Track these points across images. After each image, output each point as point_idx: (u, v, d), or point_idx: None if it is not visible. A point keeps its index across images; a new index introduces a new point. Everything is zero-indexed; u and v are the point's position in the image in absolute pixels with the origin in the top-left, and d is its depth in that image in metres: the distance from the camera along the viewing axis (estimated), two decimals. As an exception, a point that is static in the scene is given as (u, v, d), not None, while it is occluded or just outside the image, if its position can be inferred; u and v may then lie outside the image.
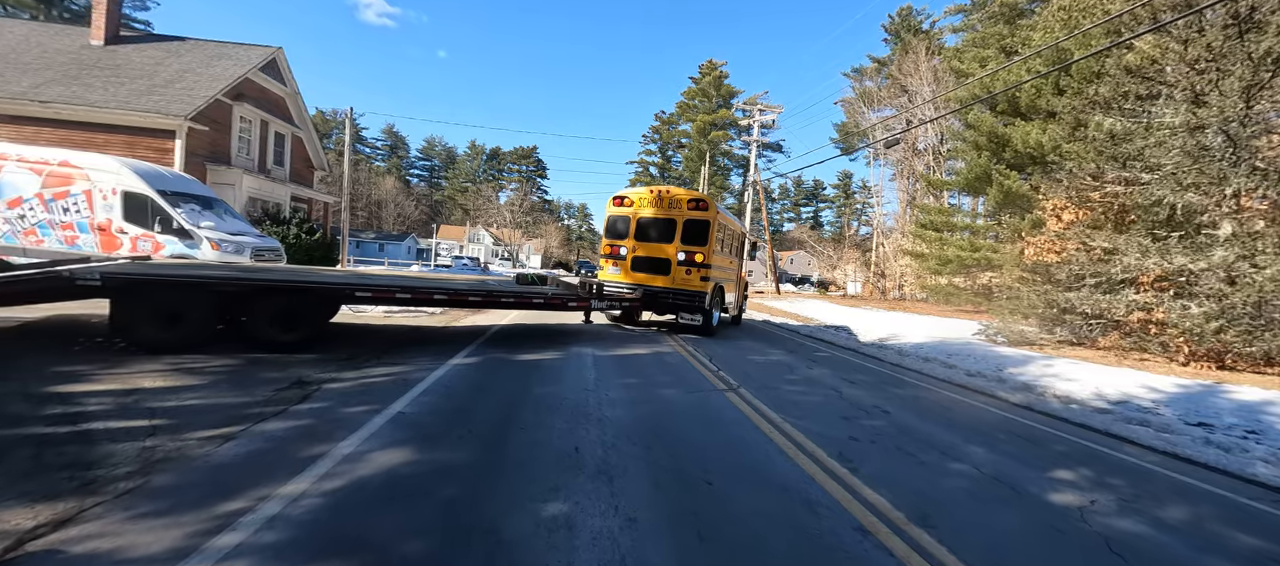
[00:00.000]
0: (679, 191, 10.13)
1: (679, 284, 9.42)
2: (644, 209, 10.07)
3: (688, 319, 9.65)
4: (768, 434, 4.14)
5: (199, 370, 4.86)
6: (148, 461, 2.98)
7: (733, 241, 11.29)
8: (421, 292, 6.81)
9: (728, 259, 10.82)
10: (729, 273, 10.96)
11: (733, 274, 11.35)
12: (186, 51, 16.80)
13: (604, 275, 10.16)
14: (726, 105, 57.97)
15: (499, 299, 7.45)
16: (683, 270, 9.43)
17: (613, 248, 10.22)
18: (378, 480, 2.86)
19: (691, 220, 9.65)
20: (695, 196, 9.91)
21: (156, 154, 13.32)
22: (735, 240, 11.56)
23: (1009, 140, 21.81)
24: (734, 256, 11.51)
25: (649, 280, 9.67)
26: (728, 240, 10.76)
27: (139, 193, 9.07)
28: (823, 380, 6.62)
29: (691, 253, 9.42)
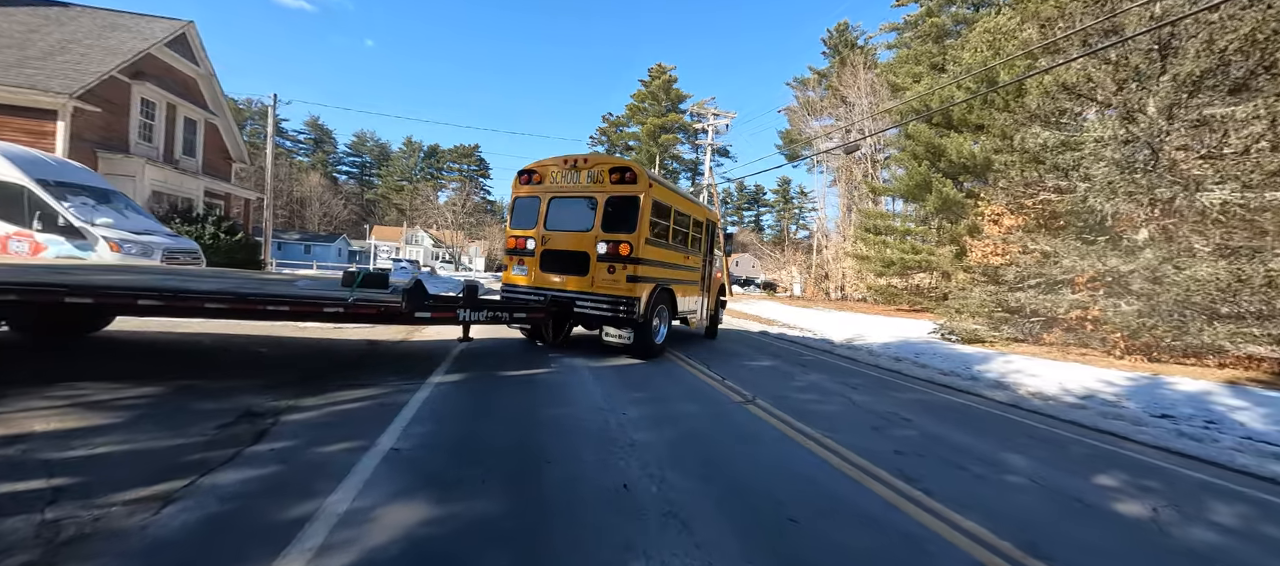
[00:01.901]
0: (600, 159, 7.22)
1: (599, 287, 6.65)
2: (556, 186, 7.33)
3: (614, 335, 6.70)
4: (816, 452, 3.81)
5: (108, 404, 3.83)
6: (52, 543, 2.14)
7: (690, 228, 8.36)
8: (185, 300, 4.47)
9: (678, 252, 7.91)
10: (683, 270, 8.15)
11: (692, 272, 8.56)
12: (70, 19, 14.31)
13: (508, 277, 7.58)
14: (676, 109, 58.58)
15: (320, 309, 4.87)
16: (604, 268, 6.63)
17: (518, 240, 7.51)
18: (398, 552, 2.21)
19: (616, 198, 6.79)
20: (619, 164, 6.92)
21: (32, 137, 11.13)
22: (693, 227, 8.48)
23: (944, 151, 23.37)
24: (692, 249, 8.51)
25: (562, 283, 6.99)
26: (679, 226, 7.92)
27: (12, 182, 7.39)
28: (826, 387, 6.46)
29: (615, 243, 6.60)
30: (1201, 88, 10.11)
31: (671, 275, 7.67)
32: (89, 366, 4.81)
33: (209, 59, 16.65)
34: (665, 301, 7.48)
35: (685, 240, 8.25)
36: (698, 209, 8.97)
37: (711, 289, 9.99)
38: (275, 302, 4.66)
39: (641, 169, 6.97)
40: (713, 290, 10.13)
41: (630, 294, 6.59)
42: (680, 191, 8.44)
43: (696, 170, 58.35)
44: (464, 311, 5.62)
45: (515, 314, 6.53)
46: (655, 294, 7.04)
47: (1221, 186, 9.60)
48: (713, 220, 9.91)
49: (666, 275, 7.49)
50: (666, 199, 7.49)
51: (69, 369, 4.66)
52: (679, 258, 8.00)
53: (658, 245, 7.21)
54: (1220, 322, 9.43)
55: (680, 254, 8.06)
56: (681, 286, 8.08)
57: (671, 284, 7.64)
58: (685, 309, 8.43)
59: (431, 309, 5.30)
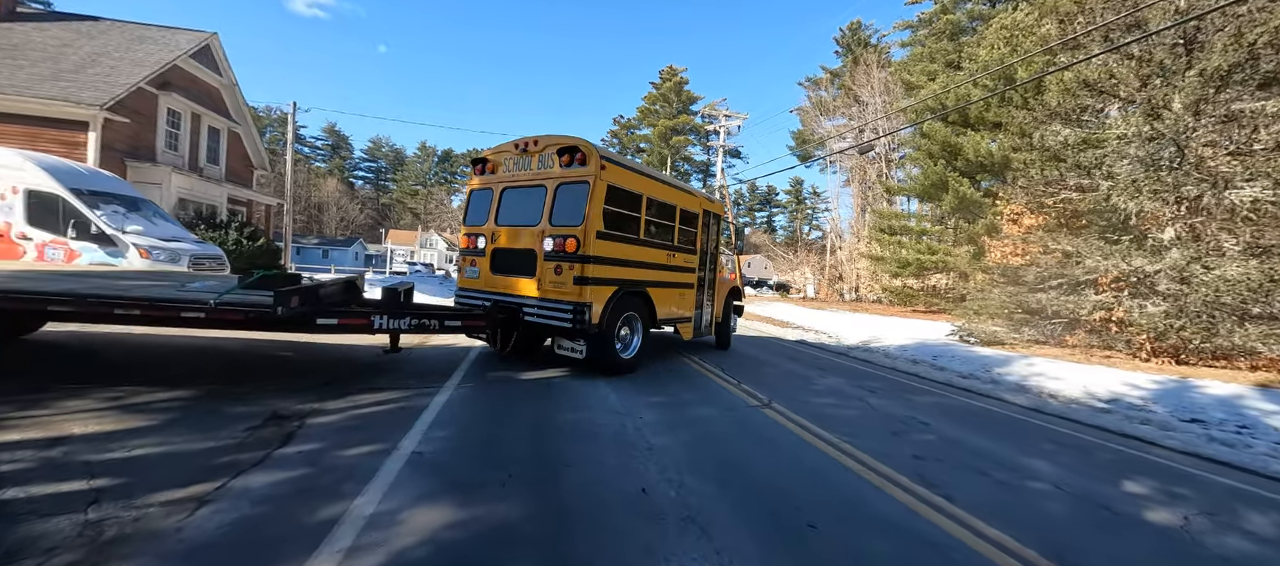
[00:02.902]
0: (551, 140, 6.08)
1: (547, 291, 5.71)
2: (508, 174, 6.45)
3: (566, 348, 5.85)
4: (835, 457, 3.80)
5: (143, 407, 3.96)
6: (95, 543, 2.23)
7: (675, 221, 7.08)
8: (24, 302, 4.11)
9: (655, 248, 6.64)
10: (666, 270, 6.86)
11: (681, 273, 7.22)
12: (101, 33, 14.80)
13: (461, 281, 6.80)
14: (686, 111, 58.54)
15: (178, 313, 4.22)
16: (551, 268, 5.66)
17: (470, 239, 6.65)
18: (425, 554, 2.26)
19: (565, 185, 5.80)
20: (566, 144, 5.87)
21: (65, 148, 11.53)
22: (682, 219, 7.23)
23: (961, 149, 23.02)
24: (682, 245, 7.24)
25: (511, 286, 6.11)
26: (658, 218, 6.73)
27: (48, 191, 7.67)
28: (843, 390, 6.41)
29: (562, 238, 5.61)
30: (1229, 82, 9.82)
31: (645, 276, 6.43)
32: (122, 370, 4.97)
33: (231, 69, 17.09)
34: (634, 307, 6.29)
35: (669, 234, 6.97)
36: (688, 197, 7.50)
37: (717, 292, 8.65)
38: (125, 305, 4.16)
39: (593, 147, 5.71)
40: (720, 293, 8.81)
41: (578, 299, 5.47)
42: (659, 176, 6.95)
43: (708, 172, 58.24)
44: (381, 319, 4.87)
45: (447, 321, 5.38)
46: (617, 298, 5.86)
47: (1252, 183, 9.32)
48: (715, 212, 8.39)
49: (637, 276, 6.28)
50: (633, 184, 6.19)
51: (103, 372, 4.82)
52: (657, 255, 6.71)
53: (619, 240, 5.98)
54: (1252, 323, 9.14)
55: (659, 251, 6.74)
56: (664, 289, 6.82)
57: (648, 286, 6.45)
58: (671, 315, 7.10)
59: (339, 315, 4.74)
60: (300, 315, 4.44)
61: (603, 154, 5.81)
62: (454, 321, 5.45)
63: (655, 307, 6.62)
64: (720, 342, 9.33)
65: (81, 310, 4.17)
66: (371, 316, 4.84)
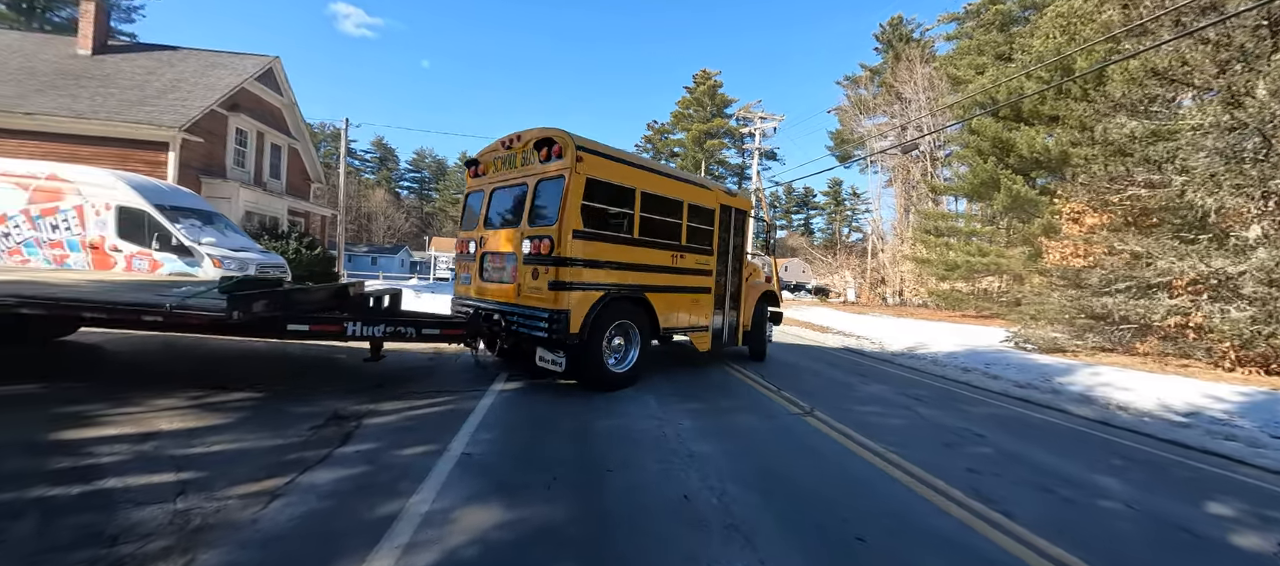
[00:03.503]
0: (533, 133, 5.63)
1: (525, 297, 5.29)
2: (497, 175, 6.12)
3: (546, 360, 5.27)
4: (882, 468, 3.69)
5: (219, 406, 4.29)
6: (184, 530, 2.44)
7: (683, 218, 6.35)
8: None
9: (657, 249, 6.01)
10: (672, 273, 6.19)
11: (693, 276, 6.50)
12: (179, 61, 16.15)
13: (457, 288, 6.61)
14: (721, 114, 58.17)
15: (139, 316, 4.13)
16: (529, 272, 5.25)
17: (462, 244, 6.45)
18: (476, 553, 2.35)
19: (544, 181, 5.37)
20: (543, 136, 5.42)
21: (149, 167, 12.63)
22: (692, 215, 6.48)
23: (1013, 145, 21.86)
24: (694, 244, 6.52)
25: (496, 293, 5.78)
26: (660, 214, 6.06)
27: (135, 208, 8.43)
28: (889, 399, 6.20)
29: (538, 240, 5.18)
30: (1325, 65, 8.93)
31: (643, 279, 5.80)
32: (198, 371, 5.39)
33: (291, 89, 18.28)
34: (629, 315, 5.65)
35: (675, 232, 6.25)
36: (701, 191, 6.68)
37: (745, 297, 7.69)
38: (92, 309, 4.19)
39: (569, 138, 5.18)
40: (749, 298, 7.84)
41: (553, 305, 4.98)
42: (658, 167, 6.32)
43: (743, 174, 57.60)
44: (354, 325, 4.74)
45: (424, 329, 5.13)
46: (603, 304, 5.29)
47: (1355, 175, 8.42)
48: (738, 208, 7.45)
49: (630, 279, 5.66)
50: (621, 176, 5.58)
51: (183, 374, 5.24)
52: (659, 256, 6.02)
53: (605, 240, 5.42)
54: (1358, 331, 8.24)
55: (661, 251, 6.05)
56: (669, 294, 6.11)
57: (646, 291, 5.81)
58: (680, 323, 6.34)
59: (310, 321, 4.66)
60: (264, 320, 4.39)
61: (580, 144, 5.19)
62: (432, 330, 5.21)
63: (658, 315, 5.93)
64: (754, 353, 8.37)
65: (53, 313, 4.21)
66: (345, 323, 4.74)
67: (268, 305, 4.46)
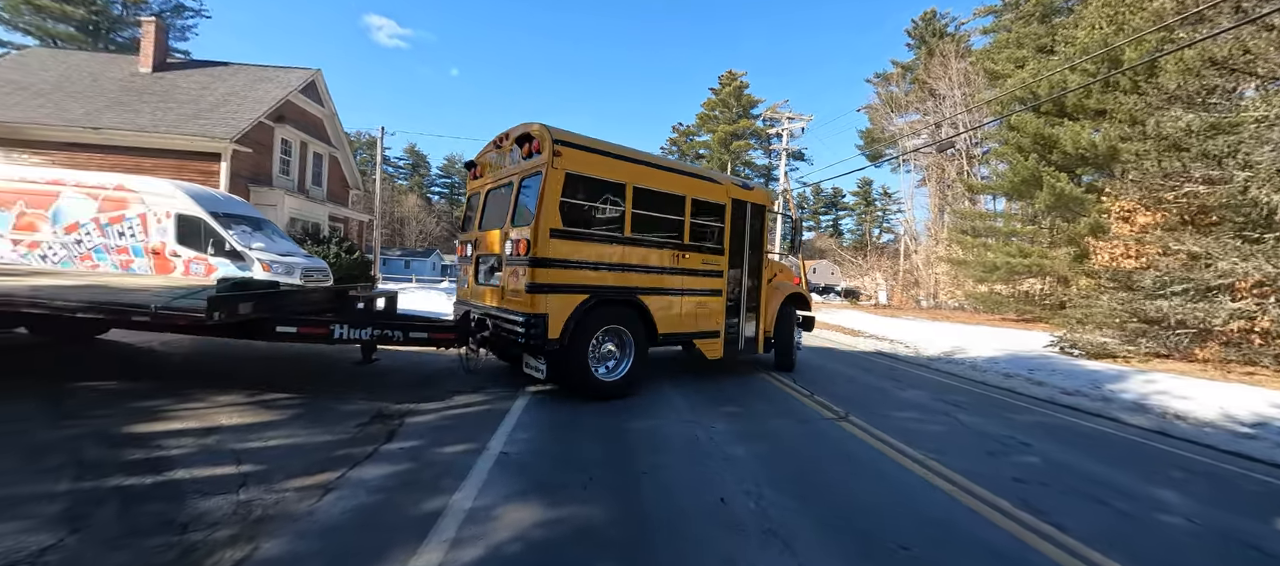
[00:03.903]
0: (517, 129, 5.40)
1: (508, 299, 5.08)
2: (492, 175, 6.00)
3: (530, 366, 5.14)
4: (922, 475, 3.60)
5: (273, 403, 4.52)
6: (247, 520, 2.59)
7: (685, 214, 5.88)
8: None
9: (659, 249, 5.64)
10: (671, 275, 5.74)
11: (698, 278, 6.01)
12: (230, 76, 17.06)
13: (459, 292, 6.53)
14: (747, 115, 57.67)
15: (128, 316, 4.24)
16: (511, 274, 5.05)
17: (461, 247, 6.44)
18: (518, 550, 2.41)
19: (527, 178, 5.15)
20: (522, 132, 5.23)
21: (203, 176, 13.38)
22: (696, 211, 5.98)
23: (1057, 141, 20.92)
24: (699, 242, 6.03)
25: (486, 296, 5.64)
26: (653, 210, 5.60)
27: (192, 215, 8.95)
28: (927, 404, 6.04)
29: (518, 240, 4.96)
30: None
31: (636, 281, 5.41)
32: (255, 371, 5.68)
33: (331, 100, 19.06)
34: (620, 319, 5.31)
35: (675, 230, 5.78)
36: (707, 185, 6.16)
37: (766, 300, 7.04)
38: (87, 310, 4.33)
39: (547, 131, 4.89)
40: (772, 301, 7.20)
41: (530, 309, 4.72)
42: (653, 159, 5.73)
43: (771, 175, 56.92)
44: (341, 328, 4.76)
45: (411, 333, 5.10)
46: (588, 308, 5.00)
47: None
48: (755, 203, 6.77)
49: (621, 281, 5.30)
50: (606, 170, 5.21)
51: (239, 373, 5.53)
52: (656, 256, 5.59)
53: (590, 239, 5.09)
54: None
55: (659, 250, 5.62)
56: (668, 297, 5.69)
57: (641, 294, 5.43)
58: (682, 329, 5.85)
59: (298, 324, 4.71)
60: (253, 322, 4.48)
61: (558, 137, 4.89)
62: (419, 332, 5.15)
63: (655, 320, 5.52)
64: (779, 362, 7.53)
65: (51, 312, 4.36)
66: (331, 326, 4.75)
67: (255, 308, 4.49)
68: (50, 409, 4.03)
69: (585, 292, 5.03)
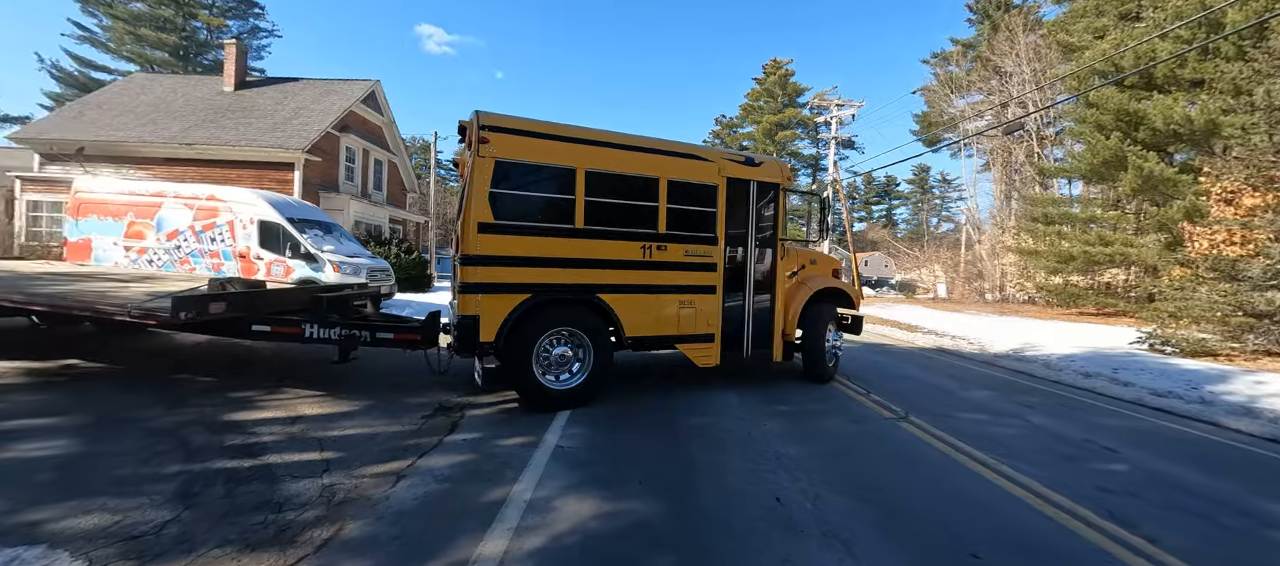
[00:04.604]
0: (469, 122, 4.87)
1: (459, 304, 4.67)
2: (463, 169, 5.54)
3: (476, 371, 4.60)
4: (992, 479, 3.41)
5: (347, 395, 4.87)
6: (331, 502, 2.81)
7: (670, 198, 5.14)
8: None
9: (623, 241, 4.96)
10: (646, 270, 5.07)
11: (682, 274, 5.24)
12: (300, 90, 18.36)
13: None
14: (793, 104, 55.95)
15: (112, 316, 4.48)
16: (462, 273, 4.57)
17: None
18: (577, 541, 2.49)
19: (475, 167, 4.52)
20: (464, 124, 5.13)
21: (279, 184, 14.51)
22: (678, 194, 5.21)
23: (1144, 117, 18.99)
24: (684, 234, 5.24)
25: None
26: (626, 198, 5.00)
27: (272, 221, 9.74)
28: (995, 405, 5.69)
29: (459, 237, 4.70)
30: None
31: (594, 278, 4.81)
32: (331, 366, 6.12)
33: (390, 108, 20.14)
34: (573, 321, 4.77)
35: (646, 218, 5.04)
36: (691, 164, 5.29)
37: (787, 298, 6.01)
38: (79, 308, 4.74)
39: (475, 118, 4.54)
40: (794, 297, 6.07)
41: (463, 310, 4.44)
42: (617, 139, 5.03)
43: (819, 165, 55.07)
44: (311, 328, 4.88)
45: (378, 333, 5.02)
46: (530, 309, 4.57)
47: None
48: (762, 181, 5.72)
49: (574, 278, 4.74)
50: (547, 154, 4.65)
51: (317, 368, 5.98)
52: (620, 249, 4.92)
53: (530, 233, 4.60)
54: None
55: (623, 242, 4.94)
56: (639, 296, 5.02)
57: (602, 292, 4.84)
58: (658, 332, 5.15)
59: (272, 323, 4.91)
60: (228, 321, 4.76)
61: (485, 123, 4.46)
62: (386, 333, 5.09)
63: (622, 322, 4.92)
64: (809, 371, 6.25)
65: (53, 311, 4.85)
66: (303, 326, 4.91)
67: (228, 307, 4.73)
68: (162, 398, 4.52)
69: (526, 292, 4.57)
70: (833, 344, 6.40)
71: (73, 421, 3.87)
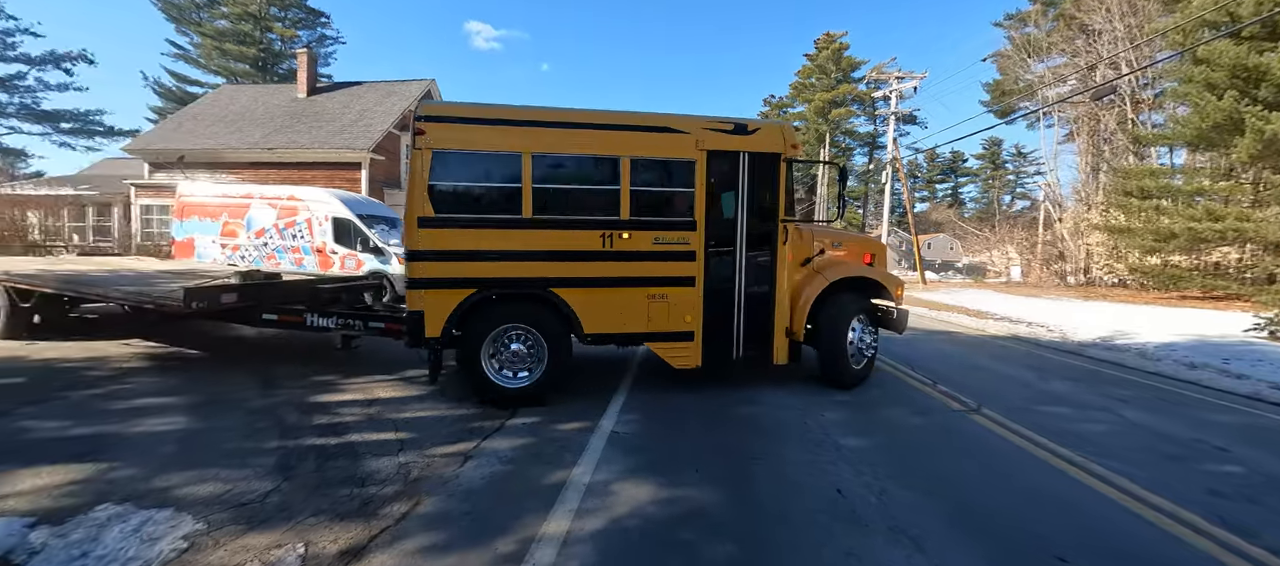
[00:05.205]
0: None
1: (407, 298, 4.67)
2: None
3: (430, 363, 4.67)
4: (1080, 478, 3.16)
5: (414, 380, 5.18)
6: (407, 479, 3.01)
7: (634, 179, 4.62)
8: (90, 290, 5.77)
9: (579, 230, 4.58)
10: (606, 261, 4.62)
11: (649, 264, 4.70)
12: (363, 93, 19.47)
13: None
14: (847, 80, 53.21)
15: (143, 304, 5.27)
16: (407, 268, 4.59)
17: None
18: (637, 526, 2.54)
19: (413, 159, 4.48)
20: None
21: (347, 183, 15.52)
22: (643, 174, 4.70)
23: (1266, 72, 16.58)
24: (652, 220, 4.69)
25: None
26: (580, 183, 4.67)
27: (344, 218, 10.45)
28: (1081, 398, 5.23)
29: None
30: None
31: (545, 271, 4.50)
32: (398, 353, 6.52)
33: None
34: (523, 317, 4.53)
35: (608, 204, 4.58)
36: (660, 138, 4.68)
37: (789, 289, 5.09)
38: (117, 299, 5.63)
39: (419, 109, 4.45)
40: (804, 291, 5.17)
41: (408, 305, 4.40)
42: (569, 117, 4.62)
43: (876, 143, 52.25)
44: (312, 317, 5.25)
45: (371, 323, 5.22)
46: (471, 305, 4.39)
47: None
48: (754, 152, 4.89)
49: (524, 271, 4.47)
50: (491, 141, 4.42)
51: (387, 356, 6.39)
52: (579, 239, 4.54)
53: (473, 225, 4.41)
54: None
55: (579, 232, 4.55)
56: (599, 291, 4.60)
57: (554, 286, 4.53)
58: (626, 329, 4.73)
59: (279, 313, 5.39)
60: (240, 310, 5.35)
61: (422, 113, 4.36)
62: (377, 322, 5.27)
63: (579, 317, 4.57)
64: (827, 374, 5.33)
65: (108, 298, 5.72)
66: (304, 316, 5.32)
67: (239, 298, 5.26)
68: (256, 381, 5.00)
69: (471, 287, 4.39)
70: (861, 342, 5.31)
71: (187, 401, 4.35)
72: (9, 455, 3.18)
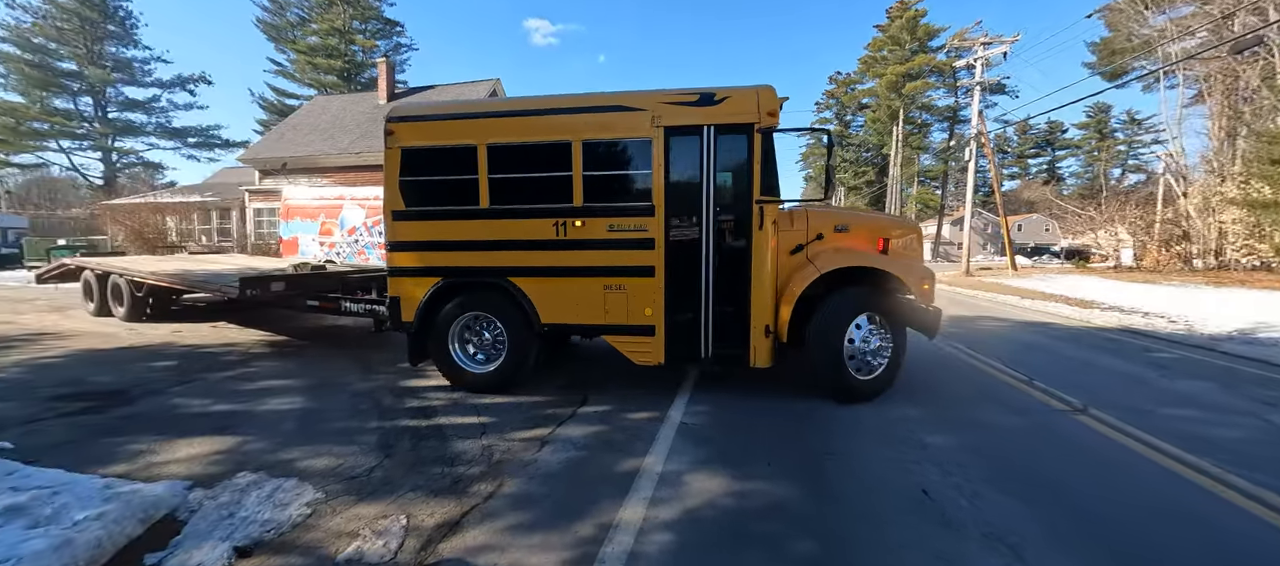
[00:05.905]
0: None
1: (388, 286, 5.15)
2: None
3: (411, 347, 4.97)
4: (1213, 490, 2.79)
5: (493, 368, 5.48)
6: (490, 461, 3.21)
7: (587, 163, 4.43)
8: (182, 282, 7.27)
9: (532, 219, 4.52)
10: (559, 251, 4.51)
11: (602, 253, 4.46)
12: (436, 96, 20.66)
13: None
14: (924, 49, 49.23)
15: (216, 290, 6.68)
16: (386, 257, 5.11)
17: None
18: (712, 517, 2.56)
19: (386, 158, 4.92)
20: None
21: (425, 182, 16.60)
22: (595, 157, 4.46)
23: None
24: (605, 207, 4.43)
25: None
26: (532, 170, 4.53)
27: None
28: (1214, 399, 4.59)
29: None
30: None
31: (504, 260, 4.54)
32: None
33: (509, 104, 21.80)
34: (485, 306, 4.66)
35: (560, 191, 4.42)
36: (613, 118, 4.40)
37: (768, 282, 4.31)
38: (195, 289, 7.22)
39: (393, 111, 4.78)
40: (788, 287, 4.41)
41: (389, 292, 4.83)
42: (521, 105, 4.70)
43: (956, 118, 48.09)
44: (344, 303, 6.23)
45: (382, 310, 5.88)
46: (442, 292, 4.64)
47: None
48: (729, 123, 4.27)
49: (482, 261, 4.58)
50: (452, 135, 4.56)
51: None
52: (533, 228, 4.48)
53: (439, 217, 4.61)
54: None
55: (532, 221, 4.48)
56: (554, 280, 4.50)
57: (513, 275, 4.54)
58: (583, 321, 4.52)
59: (319, 299, 6.39)
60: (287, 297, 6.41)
61: (392, 114, 4.71)
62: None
63: (536, 306, 4.53)
64: (823, 382, 4.39)
65: (187, 288, 7.34)
66: (339, 302, 6.25)
67: (288, 286, 6.43)
68: (356, 367, 5.52)
69: (436, 275, 4.66)
70: (866, 346, 4.36)
71: (301, 383, 4.90)
72: (168, 426, 3.74)
